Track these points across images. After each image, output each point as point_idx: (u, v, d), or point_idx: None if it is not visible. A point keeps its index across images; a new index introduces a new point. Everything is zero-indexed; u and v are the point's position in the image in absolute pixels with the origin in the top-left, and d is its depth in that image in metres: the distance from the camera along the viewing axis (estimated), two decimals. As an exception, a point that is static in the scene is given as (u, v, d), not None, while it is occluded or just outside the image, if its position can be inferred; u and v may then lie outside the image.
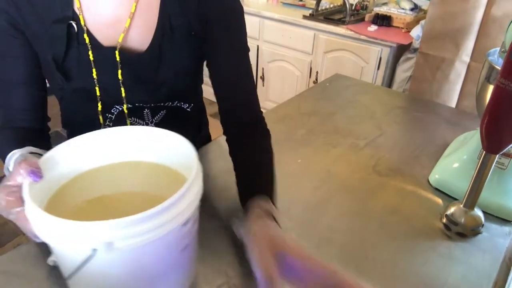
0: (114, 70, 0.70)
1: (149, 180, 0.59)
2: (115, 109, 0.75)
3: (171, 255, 0.48)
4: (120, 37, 0.68)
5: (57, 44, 0.66)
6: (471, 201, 0.69)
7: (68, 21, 0.66)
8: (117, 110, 0.75)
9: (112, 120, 0.76)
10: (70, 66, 0.68)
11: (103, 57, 0.69)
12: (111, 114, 0.75)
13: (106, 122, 0.76)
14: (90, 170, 0.57)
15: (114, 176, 0.58)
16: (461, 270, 0.63)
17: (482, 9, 1.46)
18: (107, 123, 0.76)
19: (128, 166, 0.59)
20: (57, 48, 0.67)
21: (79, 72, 0.69)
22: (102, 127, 0.76)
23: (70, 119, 0.81)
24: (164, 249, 0.46)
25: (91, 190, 0.56)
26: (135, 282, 0.46)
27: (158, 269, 0.47)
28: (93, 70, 0.69)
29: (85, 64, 0.68)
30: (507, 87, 0.55)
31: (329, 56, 2.48)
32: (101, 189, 0.56)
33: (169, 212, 0.42)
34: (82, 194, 0.55)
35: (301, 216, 0.72)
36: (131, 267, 0.45)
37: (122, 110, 0.75)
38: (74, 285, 0.48)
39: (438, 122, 1.08)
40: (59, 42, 0.66)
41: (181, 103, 0.80)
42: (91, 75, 0.69)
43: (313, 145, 0.95)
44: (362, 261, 0.64)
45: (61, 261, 0.47)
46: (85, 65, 0.68)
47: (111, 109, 0.74)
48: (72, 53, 0.68)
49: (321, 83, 1.31)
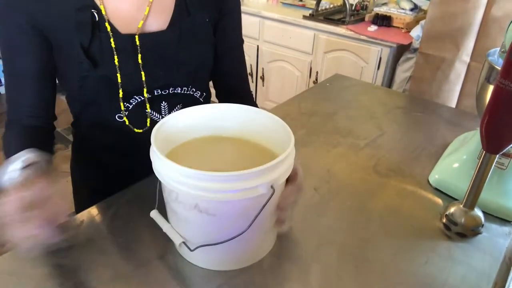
0: (134, 56, 0.72)
1: (244, 153, 0.68)
2: (134, 100, 0.76)
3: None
4: (139, 23, 0.72)
5: (83, 31, 0.68)
6: (471, 201, 0.69)
7: (90, 9, 0.68)
8: (136, 100, 0.76)
9: (129, 109, 0.76)
10: (94, 53, 0.70)
11: (123, 44, 0.71)
12: (129, 104, 0.76)
13: (119, 118, 0.77)
14: (195, 139, 0.68)
15: (215, 146, 0.69)
16: (461, 270, 0.63)
17: (482, 9, 1.46)
18: (121, 117, 0.76)
19: (229, 140, 0.68)
20: (83, 35, 0.68)
21: (102, 59, 0.70)
22: (121, 117, 0.77)
23: (84, 111, 0.80)
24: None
25: (196, 156, 0.67)
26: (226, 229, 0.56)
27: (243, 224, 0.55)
28: (115, 57, 0.70)
29: (108, 51, 0.70)
30: (507, 87, 0.55)
31: (329, 56, 2.48)
32: (201, 157, 0.67)
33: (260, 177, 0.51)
34: (188, 158, 0.64)
35: (301, 216, 0.72)
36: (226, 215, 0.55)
37: (140, 101, 0.76)
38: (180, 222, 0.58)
39: (438, 122, 1.08)
40: (85, 29, 0.68)
41: (194, 89, 0.82)
42: (113, 62, 0.71)
43: (313, 145, 0.95)
44: (362, 261, 0.64)
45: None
46: (107, 52, 0.70)
47: (130, 98, 0.75)
48: (95, 40, 0.69)
49: (321, 83, 1.31)
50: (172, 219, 0.60)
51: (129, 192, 0.76)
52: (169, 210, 0.60)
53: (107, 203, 0.73)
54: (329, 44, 2.44)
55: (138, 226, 0.68)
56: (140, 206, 0.71)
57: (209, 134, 0.69)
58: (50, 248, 0.58)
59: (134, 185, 0.77)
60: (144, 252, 0.63)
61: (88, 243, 0.64)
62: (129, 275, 0.59)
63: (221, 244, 0.55)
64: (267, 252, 0.64)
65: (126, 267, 0.61)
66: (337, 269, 0.62)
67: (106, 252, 0.63)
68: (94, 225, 0.68)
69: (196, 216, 0.54)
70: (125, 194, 0.75)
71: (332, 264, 0.63)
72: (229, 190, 0.50)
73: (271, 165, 0.51)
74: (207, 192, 0.50)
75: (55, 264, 0.61)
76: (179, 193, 0.53)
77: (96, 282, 0.58)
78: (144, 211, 0.64)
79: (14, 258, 0.62)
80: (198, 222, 0.56)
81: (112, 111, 0.76)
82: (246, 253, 0.61)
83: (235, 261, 0.61)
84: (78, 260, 0.61)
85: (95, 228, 0.68)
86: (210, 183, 0.50)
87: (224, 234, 0.54)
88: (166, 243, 0.63)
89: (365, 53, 2.31)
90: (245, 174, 0.50)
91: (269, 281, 0.60)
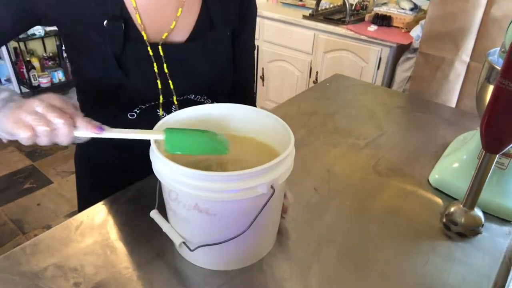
0: (157, 64, 0.74)
1: (245, 153, 0.68)
2: (149, 103, 0.78)
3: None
4: (164, 35, 0.74)
5: (115, 41, 0.69)
6: (471, 201, 0.69)
7: (121, 20, 0.69)
8: (150, 104, 0.78)
9: (142, 109, 0.78)
10: (126, 62, 0.71)
11: (148, 53, 0.73)
12: (143, 105, 0.77)
13: (131, 116, 0.78)
14: None
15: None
16: (461, 270, 0.63)
17: (482, 9, 1.46)
18: (134, 115, 0.78)
19: (230, 138, 0.67)
20: (115, 45, 0.69)
21: (131, 68, 0.72)
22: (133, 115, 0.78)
23: (96, 108, 0.81)
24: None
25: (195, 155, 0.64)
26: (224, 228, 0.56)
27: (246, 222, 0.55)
28: (142, 66, 0.73)
29: (136, 60, 0.72)
30: (507, 87, 0.55)
31: (329, 56, 2.48)
32: (201, 156, 0.65)
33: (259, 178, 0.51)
34: (187, 158, 0.62)
35: (301, 216, 0.72)
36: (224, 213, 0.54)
37: (154, 104, 0.78)
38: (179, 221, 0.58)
39: (438, 122, 1.08)
40: (117, 39, 0.69)
41: (205, 97, 0.83)
42: (140, 70, 0.73)
43: (313, 145, 0.95)
44: (362, 261, 0.64)
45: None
46: (136, 61, 0.72)
47: (145, 102, 0.77)
48: (126, 50, 0.71)
49: (321, 83, 1.31)
50: (172, 219, 0.60)
51: (129, 192, 0.76)
52: (169, 210, 0.60)
53: (107, 203, 0.73)
54: (329, 44, 2.44)
55: (138, 226, 0.68)
56: (140, 206, 0.71)
57: None
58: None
59: (134, 185, 0.77)
60: (144, 252, 0.63)
61: (88, 243, 0.64)
62: (129, 275, 0.59)
63: (221, 244, 0.55)
64: (267, 252, 0.64)
65: (126, 267, 0.61)
66: (337, 269, 0.62)
67: (106, 252, 0.63)
68: (94, 225, 0.68)
69: (196, 216, 0.54)
70: (125, 194, 0.75)
71: (332, 264, 0.63)
72: (229, 190, 0.50)
73: (271, 165, 0.51)
74: (207, 192, 0.50)
75: (54, 264, 0.60)
76: (179, 193, 0.53)
77: (95, 282, 0.58)
78: (144, 211, 0.64)
79: (14, 258, 0.62)
80: (198, 222, 0.56)
81: (125, 111, 0.77)
82: (246, 253, 0.61)
83: (235, 261, 0.61)
84: (78, 260, 0.61)
85: (95, 228, 0.68)
86: (210, 183, 0.50)
87: (224, 234, 0.54)
88: (166, 243, 0.63)
89: (365, 53, 2.31)
90: (245, 174, 0.50)
91: (269, 281, 0.60)
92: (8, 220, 2.16)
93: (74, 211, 2.32)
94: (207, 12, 0.77)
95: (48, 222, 2.15)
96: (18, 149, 2.76)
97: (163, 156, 0.52)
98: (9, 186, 2.41)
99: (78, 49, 0.73)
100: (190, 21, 0.77)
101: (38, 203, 2.28)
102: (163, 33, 0.74)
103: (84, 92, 0.81)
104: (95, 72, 0.73)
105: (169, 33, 0.75)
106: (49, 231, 0.66)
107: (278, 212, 0.64)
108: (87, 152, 0.90)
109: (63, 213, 2.22)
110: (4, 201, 2.28)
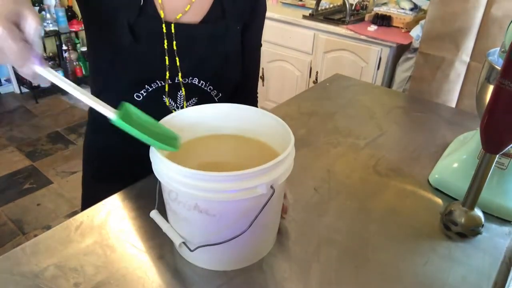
0: (168, 41, 0.76)
1: (245, 153, 0.69)
2: (155, 84, 0.79)
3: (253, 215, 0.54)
4: (178, 15, 0.77)
5: (131, 9, 0.73)
6: (471, 201, 0.69)
7: None
8: (157, 85, 0.80)
9: (148, 91, 0.80)
10: (137, 31, 0.74)
11: (161, 29, 0.75)
12: (150, 87, 0.79)
13: (137, 97, 0.80)
14: (195, 139, 0.68)
15: (215, 146, 0.69)
16: (461, 270, 0.63)
17: (482, 9, 1.46)
18: (140, 96, 0.80)
19: (229, 139, 0.69)
20: (130, 13, 0.73)
21: (143, 38, 0.75)
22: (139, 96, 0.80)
23: (106, 86, 0.83)
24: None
25: (196, 155, 0.67)
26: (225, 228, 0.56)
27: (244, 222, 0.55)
28: (153, 40, 0.75)
29: (148, 32, 0.75)
30: (507, 87, 0.55)
31: (329, 56, 2.48)
32: (201, 157, 0.68)
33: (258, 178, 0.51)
34: (188, 158, 0.64)
35: (301, 216, 0.72)
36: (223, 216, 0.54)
37: (160, 86, 0.80)
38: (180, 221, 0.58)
39: (438, 122, 1.08)
40: (134, 8, 0.73)
41: (211, 87, 0.85)
42: (151, 43, 0.76)
43: (313, 145, 0.95)
44: (362, 261, 0.64)
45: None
46: (148, 33, 0.75)
47: (152, 82, 0.79)
48: (140, 20, 0.73)
49: (321, 83, 1.31)
50: (172, 219, 0.60)
51: (129, 192, 0.76)
52: (168, 210, 0.60)
53: (107, 203, 0.73)
54: (329, 44, 2.44)
55: (138, 226, 0.68)
56: (140, 206, 0.71)
57: (209, 133, 0.69)
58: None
59: (134, 185, 0.77)
60: (144, 252, 0.63)
61: (88, 243, 0.64)
62: (129, 275, 0.59)
63: (221, 244, 0.55)
64: (267, 252, 0.64)
65: (126, 267, 0.61)
66: (337, 269, 0.62)
67: (106, 252, 0.63)
68: (94, 225, 0.68)
69: (196, 216, 0.54)
70: (125, 194, 0.75)
71: (332, 264, 0.63)
72: (228, 190, 0.50)
73: (271, 165, 0.51)
74: (207, 192, 0.50)
75: (54, 264, 0.60)
76: (178, 193, 0.53)
77: (95, 282, 0.58)
78: (144, 211, 0.64)
79: (14, 258, 0.62)
80: (198, 222, 0.56)
81: (133, 89, 0.79)
82: (246, 253, 0.61)
83: (235, 261, 0.61)
84: (78, 260, 0.61)
85: (95, 228, 0.68)
86: (209, 183, 0.50)
87: (224, 234, 0.54)
88: (166, 243, 0.63)
89: (365, 53, 2.31)
90: (245, 174, 0.50)
91: (269, 281, 0.60)
92: (8, 220, 2.16)
93: (74, 211, 2.33)
94: (220, 3, 0.79)
95: (48, 222, 2.15)
96: (18, 149, 2.76)
97: (163, 156, 0.52)
98: (9, 186, 2.42)
99: (95, 18, 0.76)
100: (205, 7, 0.79)
101: (38, 203, 2.28)
102: (177, 13, 0.77)
103: (97, 69, 0.83)
104: (108, 38, 0.76)
105: (183, 14, 0.77)
106: (49, 231, 0.66)
107: (278, 212, 0.64)
108: (96, 143, 0.93)
109: (63, 213, 2.22)
110: (4, 201, 2.28)
